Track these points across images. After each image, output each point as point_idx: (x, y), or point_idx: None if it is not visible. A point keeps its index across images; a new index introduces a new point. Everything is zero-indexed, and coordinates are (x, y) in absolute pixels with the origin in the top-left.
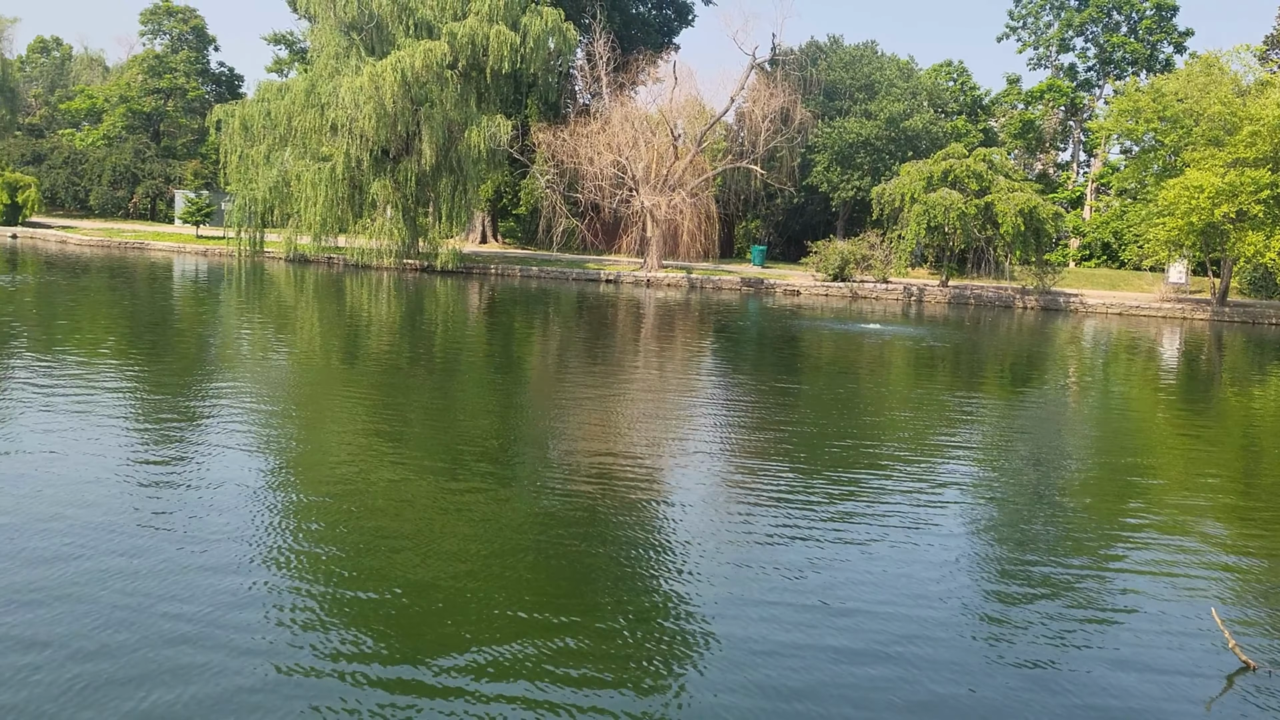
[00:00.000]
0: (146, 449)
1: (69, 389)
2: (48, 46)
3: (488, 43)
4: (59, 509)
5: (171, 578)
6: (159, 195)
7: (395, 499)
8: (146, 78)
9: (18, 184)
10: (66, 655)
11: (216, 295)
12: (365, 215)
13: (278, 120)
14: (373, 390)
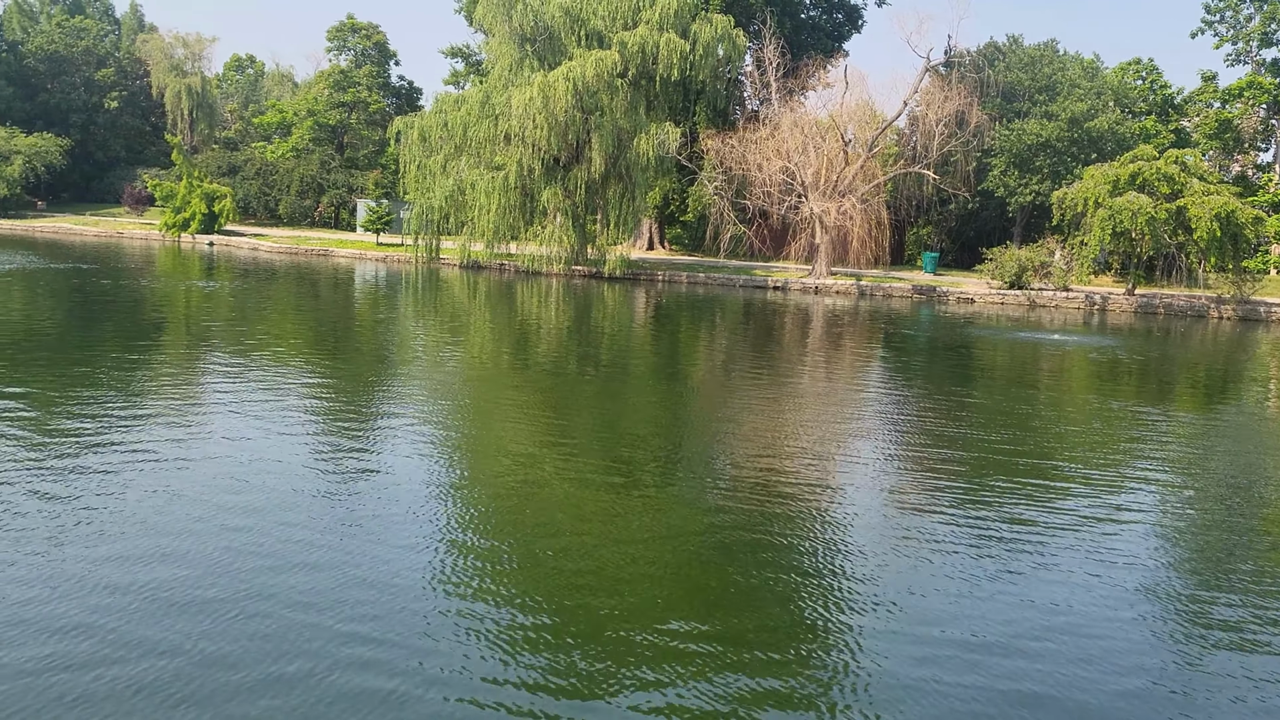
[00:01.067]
0: (324, 454)
1: (256, 389)
2: (243, 64)
3: (657, 51)
4: (239, 512)
5: (344, 591)
6: (342, 204)
7: (563, 506)
8: (332, 92)
9: (215, 194)
10: (249, 673)
11: (394, 300)
12: (536, 222)
13: (454, 131)
14: (541, 395)
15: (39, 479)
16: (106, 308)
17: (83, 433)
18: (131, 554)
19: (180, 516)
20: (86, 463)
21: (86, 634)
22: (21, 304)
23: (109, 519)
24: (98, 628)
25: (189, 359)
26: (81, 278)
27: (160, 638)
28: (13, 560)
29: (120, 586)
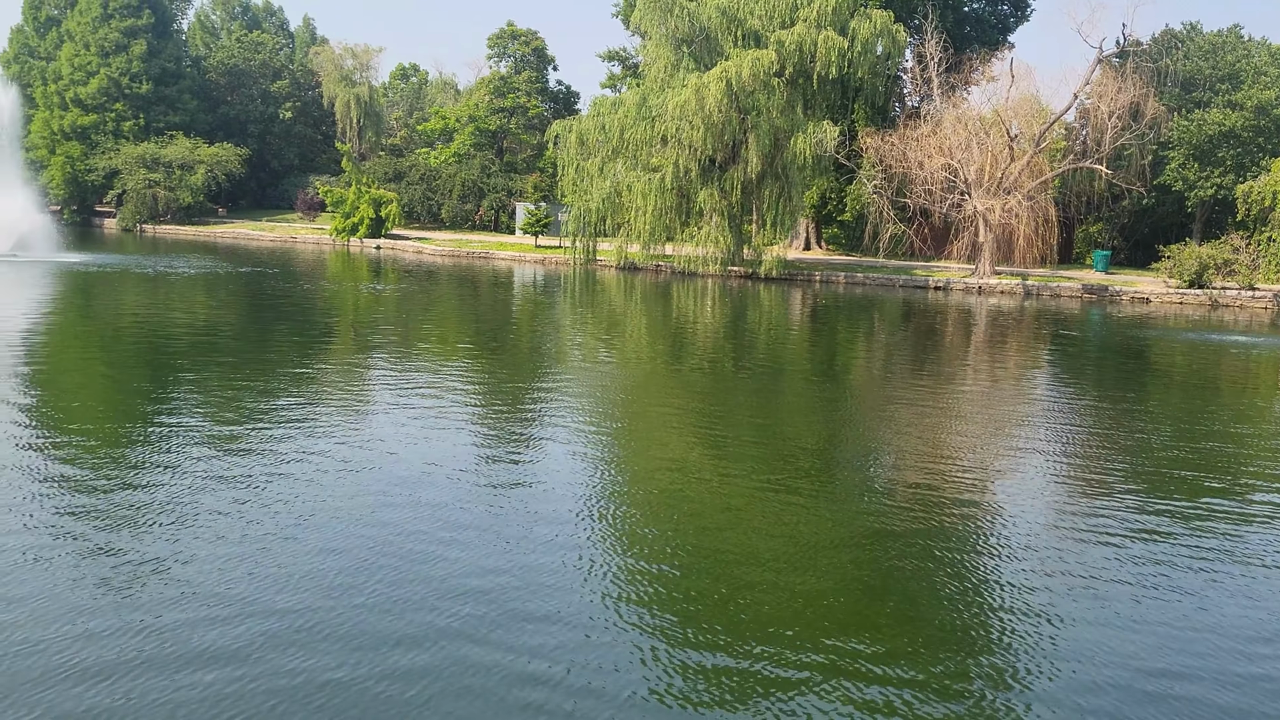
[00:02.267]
0: (483, 453)
1: (420, 387)
2: (407, 73)
3: (815, 49)
4: (398, 509)
5: (499, 596)
6: (502, 208)
7: (716, 509)
8: (492, 98)
9: (382, 200)
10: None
11: (552, 301)
12: (692, 224)
13: (610, 134)
14: (696, 396)
15: (214, 476)
16: (282, 309)
17: (260, 428)
18: (314, 547)
19: (347, 516)
20: (264, 460)
21: (288, 616)
22: (205, 306)
23: (294, 511)
24: (292, 612)
25: (357, 359)
26: (258, 281)
27: (345, 631)
28: (197, 551)
29: (304, 576)
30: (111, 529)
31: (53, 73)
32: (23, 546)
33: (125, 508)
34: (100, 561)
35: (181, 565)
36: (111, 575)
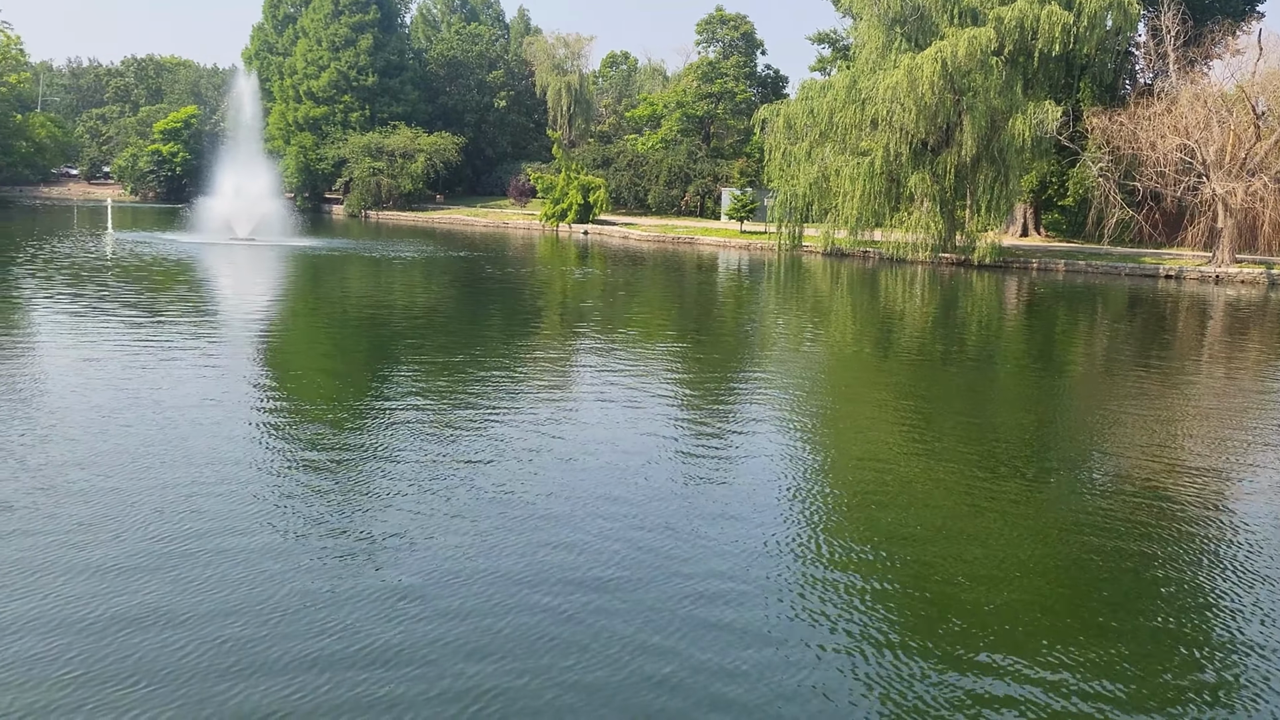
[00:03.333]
0: (686, 440)
1: (625, 371)
2: (617, 60)
3: (1037, 25)
4: (609, 501)
5: (687, 605)
6: (707, 193)
7: (924, 503)
8: (700, 83)
9: (590, 186)
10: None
11: (757, 287)
12: (902, 209)
13: (819, 117)
14: (904, 386)
15: (432, 456)
16: (494, 293)
17: (473, 410)
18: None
19: (554, 502)
20: (477, 443)
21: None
22: (423, 288)
23: (503, 493)
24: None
25: (564, 343)
26: (472, 265)
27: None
28: (415, 531)
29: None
30: (341, 505)
31: (289, 67)
32: (260, 512)
33: (352, 484)
34: (333, 537)
35: (410, 548)
36: (354, 551)
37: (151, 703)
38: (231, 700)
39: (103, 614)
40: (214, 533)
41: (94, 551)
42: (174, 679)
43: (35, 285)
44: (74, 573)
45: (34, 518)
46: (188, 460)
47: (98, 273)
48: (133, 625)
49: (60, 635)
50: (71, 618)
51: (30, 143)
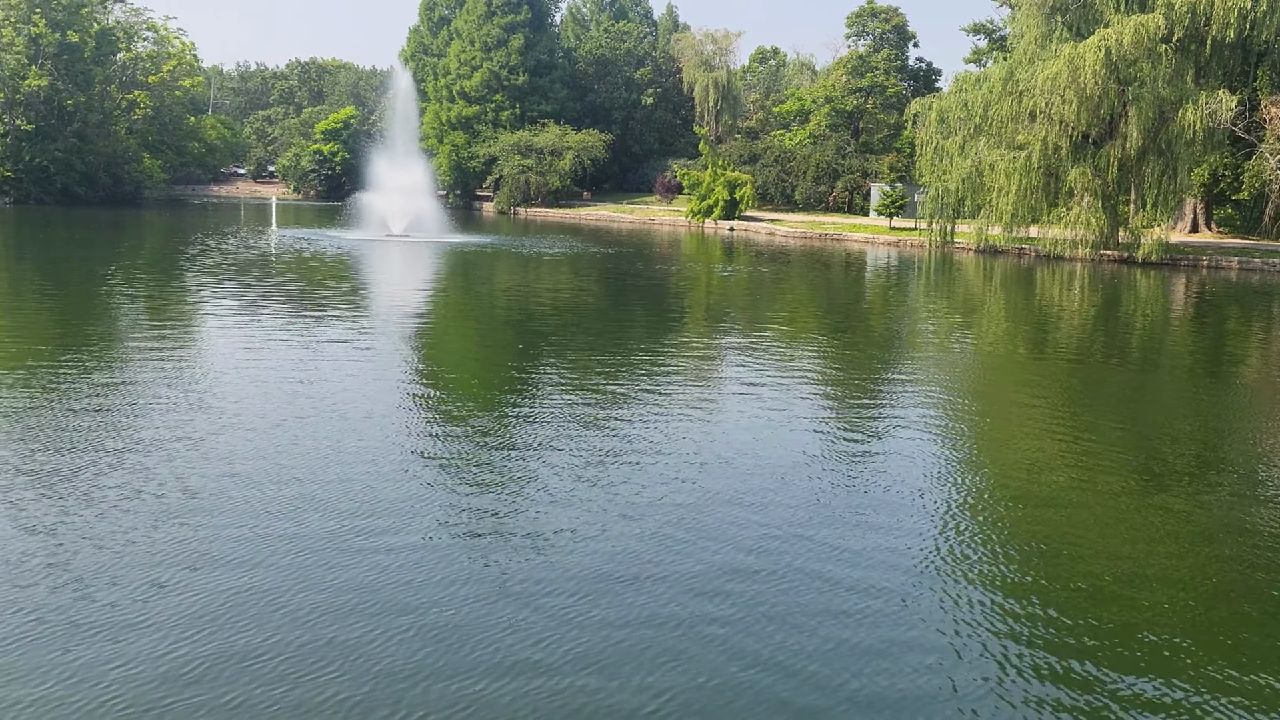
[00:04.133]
0: (829, 438)
1: (768, 369)
2: (766, 56)
3: (1211, 10)
4: (742, 504)
5: (840, 626)
6: (856, 189)
7: (1080, 510)
8: (850, 78)
9: (736, 182)
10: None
11: (905, 285)
12: (1060, 204)
13: (973, 111)
14: (1060, 388)
15: (574, 451)
16: (639, 289)
17: (617, 407)
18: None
19: (695, 500)
20: (619, 441)
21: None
22: (570, 284)
23: (649, 490)
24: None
25: (708, 339)
26: (618, 261)
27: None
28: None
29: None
30: (506, 501)
31: (443, 68)
32: (430, 507)
33: (512, 479)
34: (479, 525)
35: (555, 537)
36: (494, 541)
37: (351, 702)
38: (432, 697)
39: (297, 604)
40: (390, 530)
41: (278, 544)
42: (372, 675)
43: (207, 281)
44: (263, 563)
45: (221, 505)
46: (361, 453)
47: (264, 268)
48: (328, 616)
49: (259, 628)
50: (270, 607)
51: (202, 144)
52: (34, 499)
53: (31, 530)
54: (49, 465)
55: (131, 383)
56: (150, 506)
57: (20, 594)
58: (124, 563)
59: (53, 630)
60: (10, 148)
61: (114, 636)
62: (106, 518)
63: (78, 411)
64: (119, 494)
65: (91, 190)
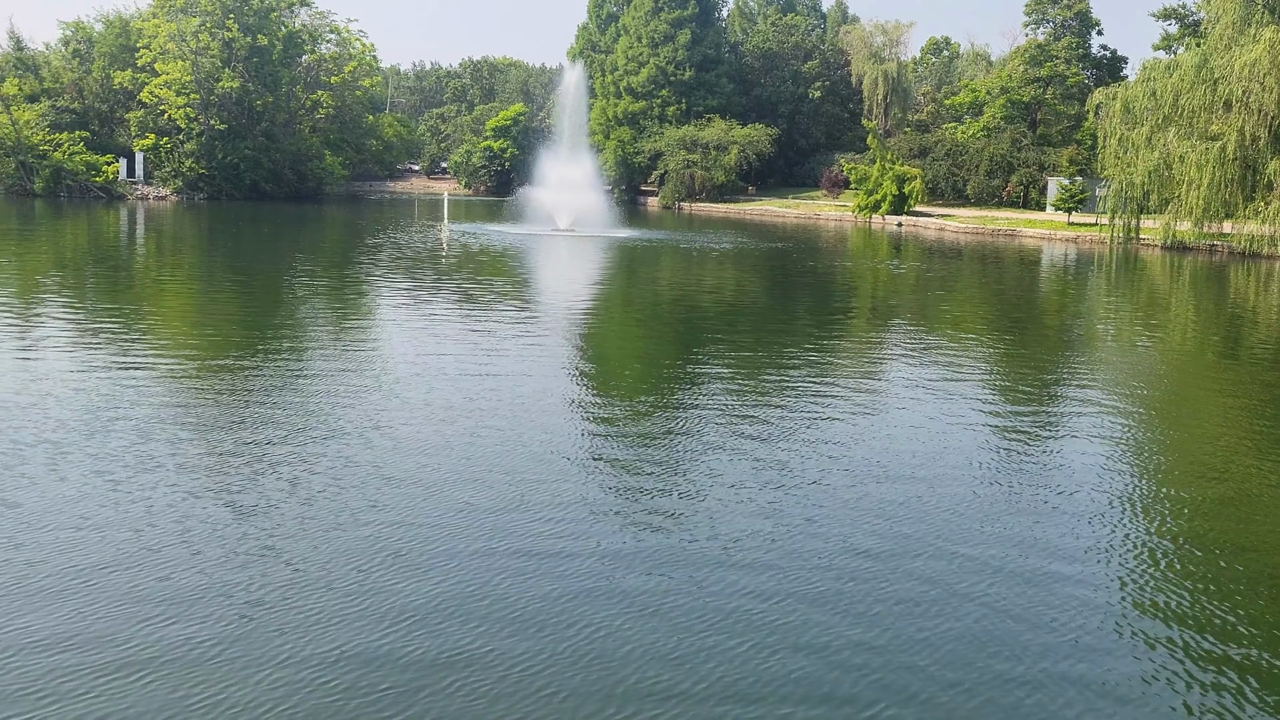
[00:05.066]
0: (1002, 436)
1: (935, 368)
2: (939, 46)
3: None
4: (892, 504)
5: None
6: (1032, 183)
7: (1267, 513)
8: (1027, 68)
9: (905, 176)
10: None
11: (1084, 283)
12: (1258, 198)
13: (1161, 100)
14: (1253, 392)
15: (735, 449)
16: (804, 285)
17: (777, 403)
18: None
19: (867, 504)
20: (781, 440)
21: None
22: (734, 279)
23: (813, 491)
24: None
25: (874, 337)
26: (783, 257)
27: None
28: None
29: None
30: (674, 503)
31: (610, 64)
32: (604, 501)
33: (680, 477)
34: (671, 534)
35: (724, 543)
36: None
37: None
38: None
39: (497, 607)
40: (577, 534)
41: (471, 541)
42: (559, 669)
43: (385, 274)
44: (459, 562)
45: (419, 495)
46: (542, 449)
47: (436, 262)
48: (523, 620)
49: (461, 627)
50: (472, 609)
51: (380, 141)
52: (247, 483)
53: (246, 515)
54: (258, 450)
55: (324, 373)
56: (354, 496)
57: (239, 576)
58: (334, 550)
59: (268, 619)
60: (205, 147)
61: (325, 629)
62: (315, 503)
63: (279, 399)
64: (325, 480)
65: (277, 186)
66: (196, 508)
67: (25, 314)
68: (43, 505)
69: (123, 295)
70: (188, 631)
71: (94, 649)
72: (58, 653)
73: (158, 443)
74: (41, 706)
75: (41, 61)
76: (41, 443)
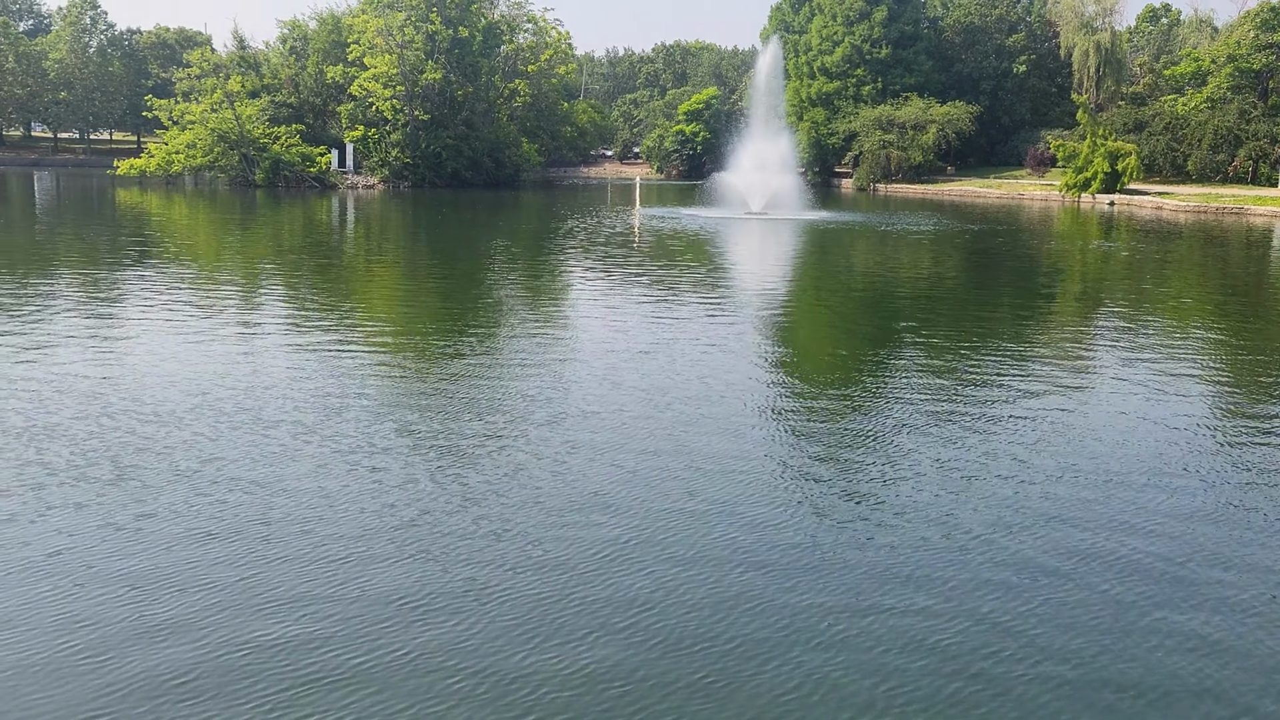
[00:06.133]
0: (1222, 438)
1: (1144, 358)
2: (1156, 14)
3: None
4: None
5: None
6: (1263, 157)
7: None
8: (1258, 33)
9: (1119, 153)
10: None
11: None
12: None
13: None
14: None
15: (937, 437)
16: (1006, 267)
17: (976, 389)
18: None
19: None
20: (981, 428)
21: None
22: (930, 262)
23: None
24: None
25: (1080, 323)
26: (984, 238)
27: None
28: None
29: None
30: (865, 492)
31: (803, 45)
32: (784, 490)
33: (871, 467)
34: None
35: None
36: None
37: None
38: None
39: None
40: (774, 523)
41: (678, 534)
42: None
43: (577, 257)
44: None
45: (594, 464)
46: (722, 430)
47: (627, 246)
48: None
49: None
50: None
51: (574, 128)
52: (470, 470)
53: (469, 501)
54: (477, 435)
55: (535, 359)
56: (578, 485)
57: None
58: (565, 541)
59: (502, 615)
60: (409, 137)
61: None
62: (543, 488)
63: (492, 381)
64: (551, 465)
65: (476, 174)
66: (428, 489)
67: (249, 299)
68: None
69: (337, 280)
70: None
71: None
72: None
73: (388, 424)
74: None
75: (262, 59)
76: (284, 423)
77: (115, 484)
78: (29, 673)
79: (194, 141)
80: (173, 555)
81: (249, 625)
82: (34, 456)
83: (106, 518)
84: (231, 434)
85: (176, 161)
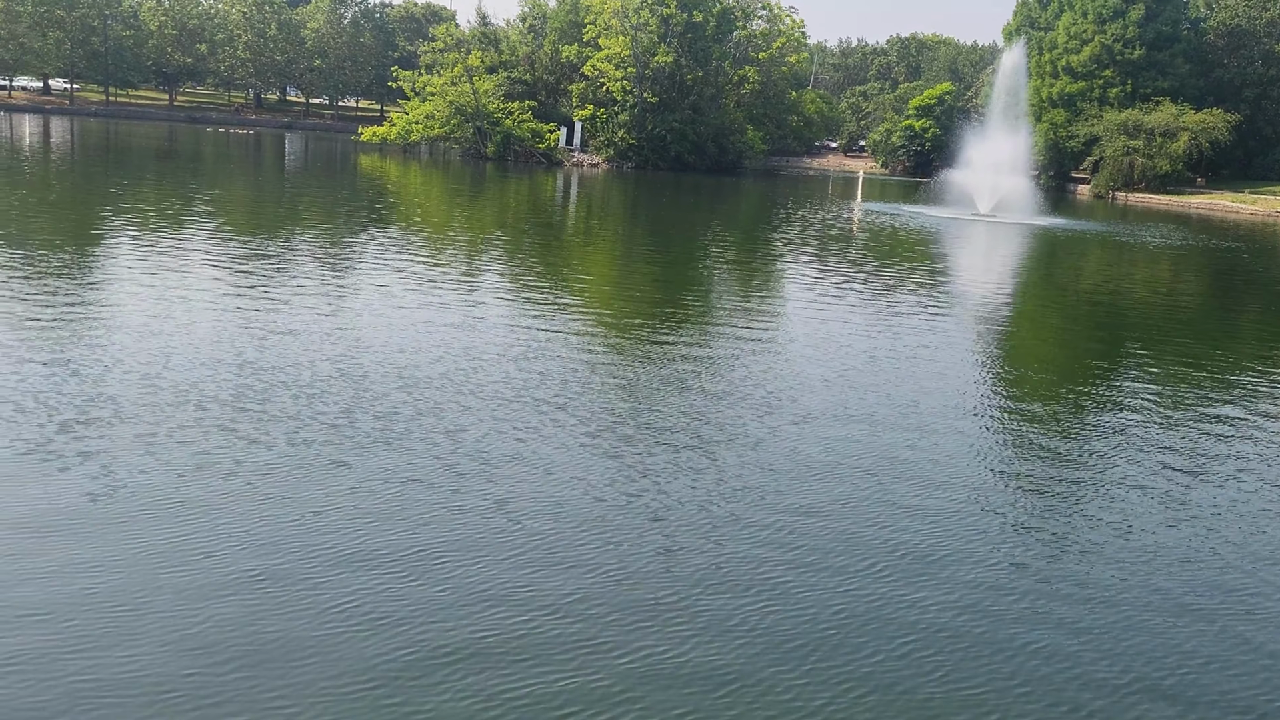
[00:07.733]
0: None
1: None
2: None
3: None
4: None
5: None
6: None
7: None
8: None
9: None
10: None
11: None
12: None
13: None
14: None
15: (1146, 463)
16: (1252, 292)
17: (1202, 421)
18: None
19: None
20: (1198, 456)
21: None
22: (1168, 279)
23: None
24: None
25: None
26: (1229, 258)
27: None
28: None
29: None
30: (1069, 508)
31: (1049, 42)
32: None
33: (1075, 480)
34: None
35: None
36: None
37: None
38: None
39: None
40: (966, 537)
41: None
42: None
43: (793, 250)
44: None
45: (825, 482)
46: (919, 429)
47: (845, 241)
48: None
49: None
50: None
51: (800, 117)
52: (712, 462)
53: (639, 494)
54: (667, 424)
55: (738, 350)
56: (776, 480)
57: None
58: (767, 540)
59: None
60: (637, 118)
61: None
62: (724, 482)
63: (695, 371)
64: (742, 462)
65: (699, 158)
66: (606, 477)
67: (473, 269)
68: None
69: (556, 255)
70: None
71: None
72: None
73: (627, 406)
74: None
75: (501, 36)
76: (523, 399)
77: (376, 447)
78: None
79: (432, 113)
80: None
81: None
82: (297, 410)
83: (364, 479)
84: (479, 406)
85: (415, 131)
